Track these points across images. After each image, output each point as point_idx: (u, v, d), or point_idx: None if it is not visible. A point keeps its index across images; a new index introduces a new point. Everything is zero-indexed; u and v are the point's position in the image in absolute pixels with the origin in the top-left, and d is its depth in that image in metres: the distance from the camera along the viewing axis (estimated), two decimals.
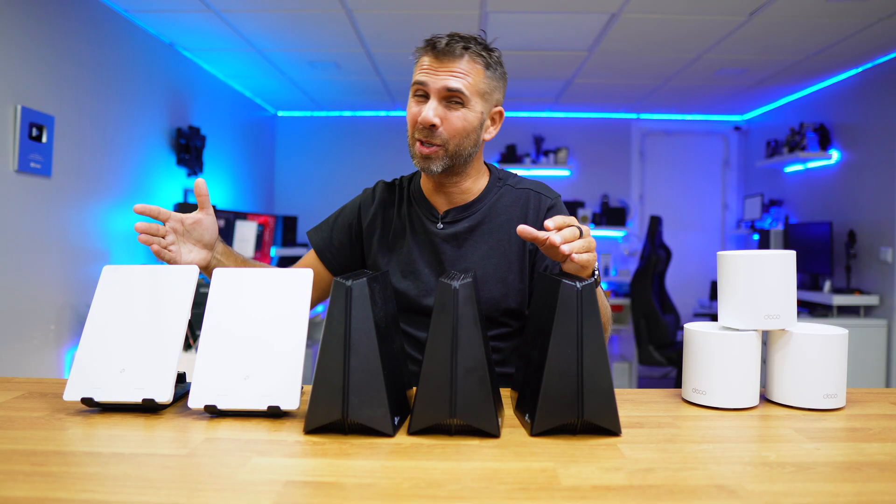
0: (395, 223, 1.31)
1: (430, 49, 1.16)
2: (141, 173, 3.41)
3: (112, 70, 3.12)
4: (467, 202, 1.27)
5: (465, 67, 1.15)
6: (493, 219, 1.26)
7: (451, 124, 1.16)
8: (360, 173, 5.47)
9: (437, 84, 1.14)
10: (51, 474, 0.65)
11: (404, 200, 1.32)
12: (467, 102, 1.16)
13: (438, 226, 1.27)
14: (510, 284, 1.23)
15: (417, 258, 1.27)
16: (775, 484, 0.65)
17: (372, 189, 1.37)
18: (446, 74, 1.14)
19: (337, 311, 0.78)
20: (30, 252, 2.58)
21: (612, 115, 5.49)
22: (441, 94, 1.15)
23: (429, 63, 1.16)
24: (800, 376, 0.94)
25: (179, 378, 0.96)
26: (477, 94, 1.17)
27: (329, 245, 1.35)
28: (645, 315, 4.13)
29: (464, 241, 1.26)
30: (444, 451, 0.74)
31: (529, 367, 0.88)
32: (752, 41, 3.48)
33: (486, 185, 1.29)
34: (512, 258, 1.24)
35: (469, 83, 1.15)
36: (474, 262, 1.24)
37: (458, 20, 3.25)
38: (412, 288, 1.26)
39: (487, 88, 1.19)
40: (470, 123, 1.17)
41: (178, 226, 1.10)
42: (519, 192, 1.29)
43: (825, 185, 4.34)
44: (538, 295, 0.95)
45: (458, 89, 1.14)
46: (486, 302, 1.23)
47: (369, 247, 1.32)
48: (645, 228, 5.37)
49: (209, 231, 1.13)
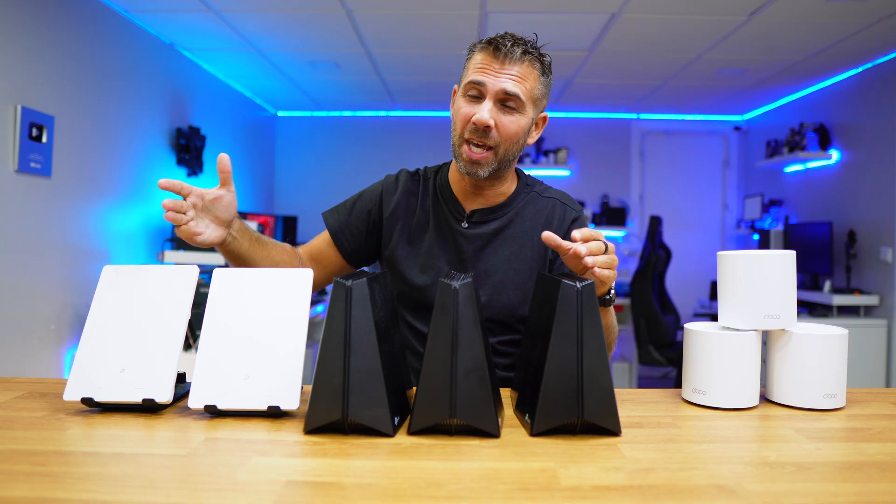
0: (419, 215, 1.28)
1: (489, 49, 1.13)
2: (141, 173, 3.41)
3: (112, 70, 3.12)
4: (495, 204, 1.26)
5: (524, 72, 1.13)
6: (518, 224, 1.25)
7: (505, 129, 1.14)
8: (360, 173, 5.46)
9: (496, 86, 1.12)
10: (51, 474, 0.65)
11: (429, 194, 1.29)
12: (521, 108, 1.14)
13: (464, 225, 1.25)
14: (528, 291, 1.21)
15: (439, 254, 1.25)
16: (775, 484, 0.65)
17: (395, 177, 1.33)
18: (505, 77, 1.12)
19: (337, 311, 0.78)
20: (30, 252, 2.58)
21: (612, 115, 5.49)
22: (498, 96, 1.12)
23: (487, 63, 1.13)
24: (800, 376, 0.94)
25: (179, 378, 0.96)
26: (531, 99, 1.15)
27: (345, 228, 1.31)
28: (645, 315, 4.13)
29: (487, 242, 1.24)
30: (444, 451, 0.74)
31: (529, 367, 0.88)
32: (752, 41, 3.48)
33: (514, 190, 1.28)
34: (532, 265, 1.23)
35: (526, 88, 1.13)
36: (495, 266, 1.22)
37: (458, 20, 3.25)
38: (430, 284, 1.24)
39: (540, 94, 1.18)
40: (521, 129, 1.16)
41: (199, 201, 1.05)
42: (545, 200, 1.28)
43: (825, 185, 4.34)
44: (538, 295, 0.95)
45: (516, 94, 1.12)
46: (503, 307, 1.21)
47: (389, 236, 1.29)
48: (645, 228, 5.37)
49: (229, 208, 1.08)
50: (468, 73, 1.16)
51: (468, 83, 1.15)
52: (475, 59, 1.15)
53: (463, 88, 1.17)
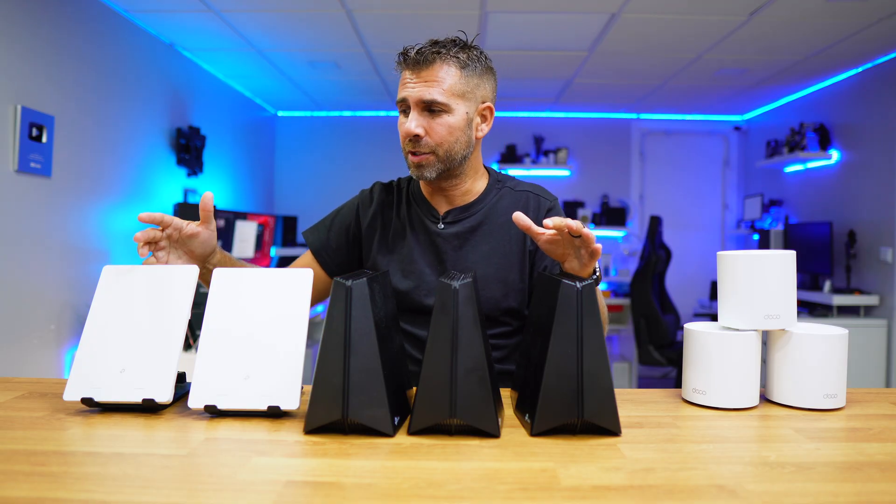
0: (395, 224, 1.31)
1: (403, 61, 1.18)
2: (141, 173, 3.41)
3: (112, 70, 3.12)
4: (467, 203, 1.28)
5: (439, 73, 1.15)
6: (493, 219, 1.27)
7: (435, 132, 1.17)
8: (359, 173, 5.47)
9: (414, 97, 1.16)
10: (51, 474, 0.65)
11: (403, 201, 1.33)
12: (446, 108, 1.16)
13: (439, 226, 1.28)
14: (511, 284, 1.24)
15: (419, 258, 1.27)
16: (775, 484, 0.65)
17: (370, 190, 1.37)
18: (420, 86, 1.15)
19: (337, 311, 0.78)
20: (30, 252, 2.58)
21: (612, 115, 5.49)
22: (419, 105, 1.16)
23: (405, 76, 1.18)
24: (800, 376, 0.94)
25: (179, 378, 0.96)
26: (455, 96, 1.17)
27: (326, 246, 1.35)
28: (645, 315, 4.13)
29: (465, 241, 1.26)
30: (444, 451, 0.74)
31: (529, 367, 0.88)
32: (752, 41, 3.48)
33: (485, 187, 1.30)
34: (513, 258, 1.25)
35: (444, 89, 1.15)
36: (475, 262, 1.25)
37: (458, 20, 3.25)
38: (413, 287, 1.26)
39: (467, 87, 1.18)
40: (455, 127, 1.18)
41: (175, 234, 1.09)
42: (518, 193, 1.30)
43: (825, 185, 4.34)
44: (538, 295, 0.95)
45: (433, 99, 1.15)
46: (487, 301, 1.23)
47: (369, 248, 1.33)
48: (645, 228, 5.37)
49: (204, 245, 1.12)
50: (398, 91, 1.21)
51: (397, 102, 1.21)
52: (401, 77, 1.20)
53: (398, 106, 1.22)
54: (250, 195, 5.00)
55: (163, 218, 1.07)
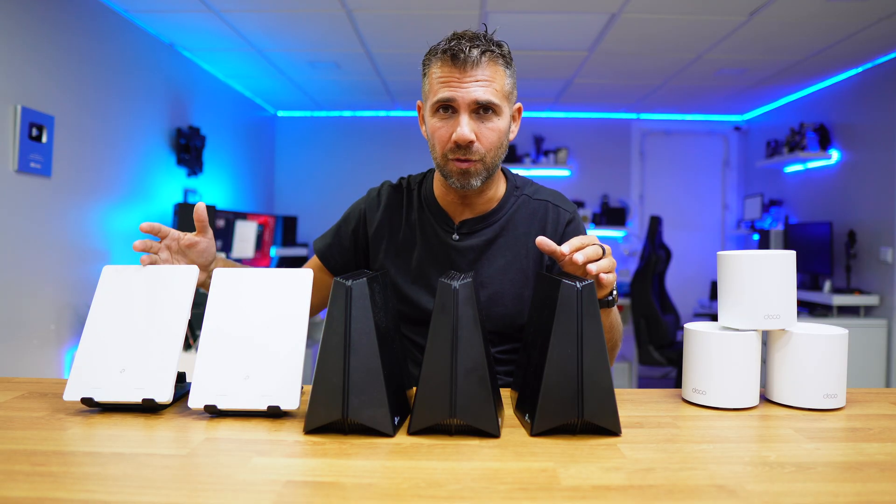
0: (404, 231, 1.24)
1: (447, 58, 1.06)
2: (141, 173, 3.41)
3: (112, 70, 3.12)
4: (485, 212, 1.21)
5: (489, 73, 1.06)
6: (510, 231, 1.21)
7: (485, 138, 1.08)
8: (359, 173, 5.47)
9: (467, 97, 1.05)
10: (51, 474, 0.65)
11: (414, 206, 1.25)
12: (498, 110, 1.08)
13: (454, 237, 1.20)
14: (525, 301, 1.19)
15: (430, 268, 1.21)
16: (775, 484, 0.65)
17: (377, 192, 1.30)
18: (473, 85, 1.05)
19: (337, 311, 0.78)
20: (30, 252, 2.58)
21: (612, 115, 5.49)
22: (471, 107, 1.06)
23: (448, 74, 1.06)
24: (800, 376, 0.94)
25: (179, 378, 0.96)
26: (504, 98, 1.09)
27: (333, 248, 1.30)
28: (645, 315, 4.13)
29: (481, 254, 1.20)
30: (444, 451, 0.74)
31: (529, 367, 0.88)
32: (752, 41, 3.48)
33: (503, 194, 1.23)
34: (529, 273, 1.19)
35: (496, 90, 1.07)
36: (490, 277, 1.19)
37: (458, 20, 3.25)
38: (424, 298, 1.21)
39: (511, 89, 1.12)
40: (503, 131, 1.11)
41: (173, 244, 1.08)
42: (537, 203, 1.23)
43: (825, 185, 4.34)
44: (538, 295, 0.95)
45: (489, 100, 1.06)
46: (502, 318, 1.18)
47: (376, 254, 1.27)
48: (645, 228, 5.37)
49: (204, 254, 1.10)
50: (432, 90, 1.09)
51: (437, 102, 1.08)
52: (435, 73, 1.08)
53: (431, 107, 1.10)
54: (250, 195, 5.00)
55: (160, 228, 1.06)
